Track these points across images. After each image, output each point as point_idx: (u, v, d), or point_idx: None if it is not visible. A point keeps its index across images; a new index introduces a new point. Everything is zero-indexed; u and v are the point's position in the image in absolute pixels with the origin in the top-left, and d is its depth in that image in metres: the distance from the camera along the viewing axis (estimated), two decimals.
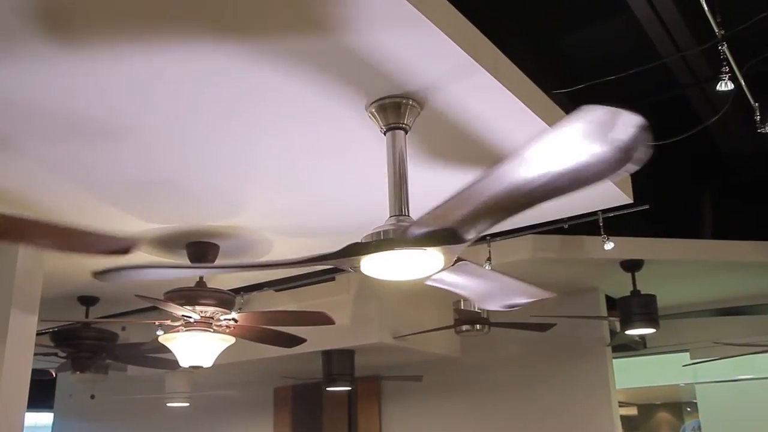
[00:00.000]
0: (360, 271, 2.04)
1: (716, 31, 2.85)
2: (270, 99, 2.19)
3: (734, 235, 4.88)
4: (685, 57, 3.42)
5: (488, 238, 4.28)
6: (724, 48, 2.83)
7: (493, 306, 2.70)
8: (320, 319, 3.58)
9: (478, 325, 5.03)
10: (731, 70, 2.87)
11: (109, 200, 3.00)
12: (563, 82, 3.31)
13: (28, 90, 2.11)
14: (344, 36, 1.87)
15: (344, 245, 1.94)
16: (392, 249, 1.91)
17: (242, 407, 7.52)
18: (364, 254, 1.95)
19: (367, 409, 6.79)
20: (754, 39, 3.13)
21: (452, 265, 2.05)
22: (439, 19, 1.85)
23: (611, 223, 4.05)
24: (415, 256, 1.95)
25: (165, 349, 3.66)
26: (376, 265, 2.01)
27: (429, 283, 2.17)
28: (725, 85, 2.83)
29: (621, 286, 5.11)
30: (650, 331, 5.00)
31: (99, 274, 1.96)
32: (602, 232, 4.08)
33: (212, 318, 3.46)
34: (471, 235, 1.77)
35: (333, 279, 5.37)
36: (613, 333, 5.81)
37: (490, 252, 4.39)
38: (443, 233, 1.76)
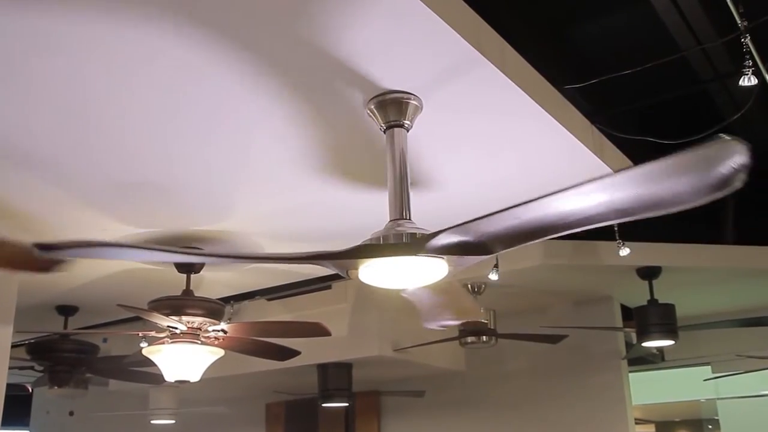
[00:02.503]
0: (355, 278, 2.04)
1: (739, 22, 2.85)
2: (260, 95, 2.18)
3: (758, 241, 4.87)
4: (706, 50, 3.42)
5: None
6: (748, 40, 2.83)
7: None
8: (315, 330, 3.57)
9: (484, 337, 5.03)
10: (755, 64, 2.87)
11: (89, 203, 2.99)
12: (574, 77, 3.31)
13: None
14: (340, 28, 1.87)
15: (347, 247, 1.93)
16: (412, 254, 1.90)
17: (232, 424, 7.51)
18: (376, 257, 1.94)
19: (365, 426, 6.78)
20: None
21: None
22: (441, 8, 1.84)
23: (627, 227, 4.05)
24: (419, 264, 1.95)
25: (149, 363, 3.65)
26: (375, 273, 2.01)
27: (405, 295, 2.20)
28: (748, 80, 2.82)
29: (637, 294, 5.11)
30: (669, 343, 5.00)
31: (42, 248, 1.72)
32: (617, 237, 4.08)
33: (200, 329, 3.45)
34: (497, 250, 1.82)
35: (329, 287, 5.37)
36: (628, 345, 5.81)
37: (497, 258, 4.39)
38: (469, 245, 1.80)
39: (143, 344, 4.17)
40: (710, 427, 9.46)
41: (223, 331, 3.53)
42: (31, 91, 2.15)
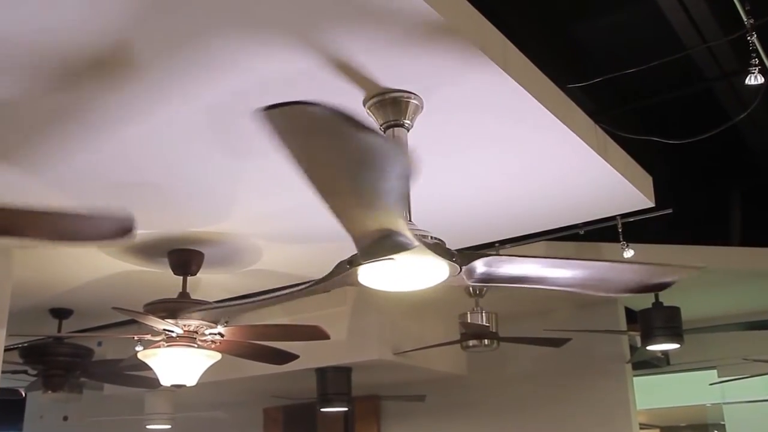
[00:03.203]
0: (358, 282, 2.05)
1: (745, 20, 2.85)
2: (257, 93, 2.19)
3: (766, 242, 4.88)
4: (711, 48, 3.42)
5: (497, 245, 4.28)
6: (754, 38, 2.83)
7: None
8: (314, 333, 3.57)
9: (486, 340, 5.02)
10: (761, 63, 2.88)
11: (83, 204, 2.99)
12: (578, 75, 3.31)
13: None
14: (338, 25, 1.87)
15: (345, 250, 1.94)
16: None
17: (229, 430, 7.50)
18: (382, 259, 1.95)
19: (365, 431, 6.77)
20: None
21: (464, 267, 2.05)
22: (442, 6, 1.84)
23: (631, 228, 4.05)
24: (418, 265, 1.96)
25: (145, 367, 3.65)
26: (375, 275, 2.01)
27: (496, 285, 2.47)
28: (755, 79, 2.83)
29: (642, 297, 5.11)
30: (674, 346, 4.99)
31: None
32: (621, 239, 4.08)
33: (196, 332, 3.45)
34: (487, 283, 2.22)
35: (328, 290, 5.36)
36: (633, 348, 5.80)
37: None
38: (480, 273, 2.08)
39: (139, 348, 4.17)
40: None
41: (220, 334, 3.52)
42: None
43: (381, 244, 1.84)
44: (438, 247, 1.96)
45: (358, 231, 1.81)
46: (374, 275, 2.02)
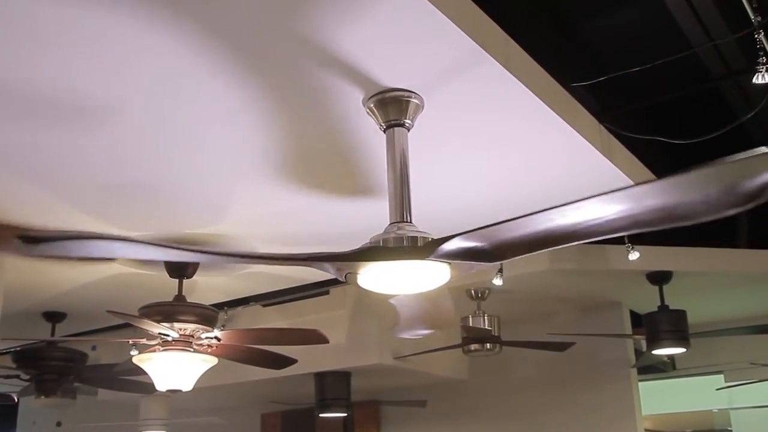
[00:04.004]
0: (354, 283, 2.04)
1: (752, 17, 2.85)
2: (254, 93, 2.19)
3: None
4: (718, 46, 3.42)
5: None
6: (761, 36, 2.83)
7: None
8: (313, 337, 3.57)
9: (488, 344, 5.03)
10: None
11: (77, 205, 3.00)
12: (582, 74, 3.31)
13: None
14: (337, 23, 1.87)
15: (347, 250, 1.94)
16: (420, 259, 1.91)
17: None
18: (380, 260, 1.94)
19: None
20: None
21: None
22: (443, 3, 1.85)
23: None
24: (421, 269, 1.95)
25: (139, 371, 3.65)
26: (375, 278, 2.01)
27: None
28: (762, 78, 2.82)
29: (647, 300, 5.11)
30: (680, 350, 5.00)
31: (27, 240, 1.63)
32: (626, 241, 4.08)
33: (192, 336, 3.45)
34: (508, 258, 1.83)
35: (327, 293, 5.36)
36: (638, 353, 5.80)
37: (502, 263, 4.39)
38: (479, 251, 1.80)
39: (133, 352, 4.17)
40: None
41: (216, 338, 3.53)
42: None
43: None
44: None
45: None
46: (375, 278, 2.01)
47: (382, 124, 2.22)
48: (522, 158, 2.70)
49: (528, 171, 2.81)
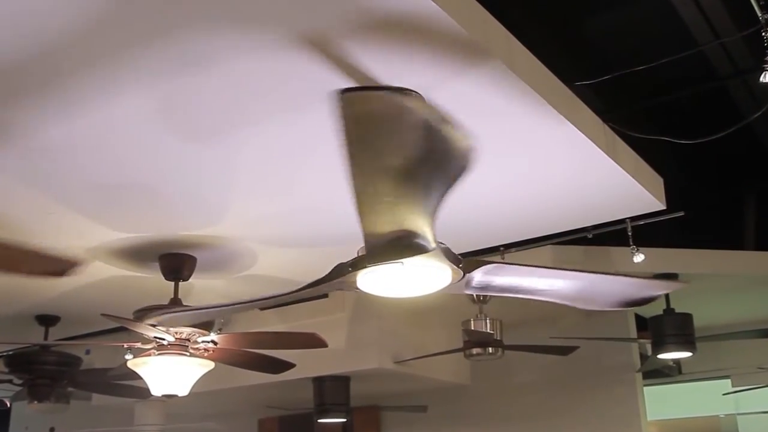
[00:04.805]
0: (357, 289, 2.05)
1: (759, 15, 2.85)
2: (252, 93, 2.19)
3: None
4: (725, 44, 3.43)
5: (502, 248, 4.28)
6: None
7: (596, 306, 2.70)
8: (311, 341, 3.57)
9: (490, 349, 5.02)
10: None
11: (71, 206, 2.99)
12: (586, 73, 3.31)
13: None
14: (336, 22, 1.87)
15: (343, 255, 1.94)
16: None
17: None
18: (389, 262, 1.95)
19: None
20: None
21: (466, 274, 2.06)
22: (444, 1, 1.84)
23: (641, 232, 4.05)
24: (420, 270, 1.96)
25: (134, 376, 3.65)
26: (375, 281, 2.01)
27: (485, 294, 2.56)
28: None
29: (652, 303, 5.09)
30: (686, 354, 5.00)
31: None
32: (631, 243, 4.08)
33: (188, 340, 3.45)
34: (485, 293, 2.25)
35: (326, 296, 5.36)
36: (643, 357, 5.80)
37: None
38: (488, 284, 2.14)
39: (128, 356, 4.16)
40: None
41: (213, 342, 3.52)
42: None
43: (393, 246, 1.83)
44: (446, 252, 1.97)
45: (376, 230, 1.78)
46: (374, 280, 2.02)
47: None
48: (524, 158, 2.70)
49: (530, 171, 2.81)
